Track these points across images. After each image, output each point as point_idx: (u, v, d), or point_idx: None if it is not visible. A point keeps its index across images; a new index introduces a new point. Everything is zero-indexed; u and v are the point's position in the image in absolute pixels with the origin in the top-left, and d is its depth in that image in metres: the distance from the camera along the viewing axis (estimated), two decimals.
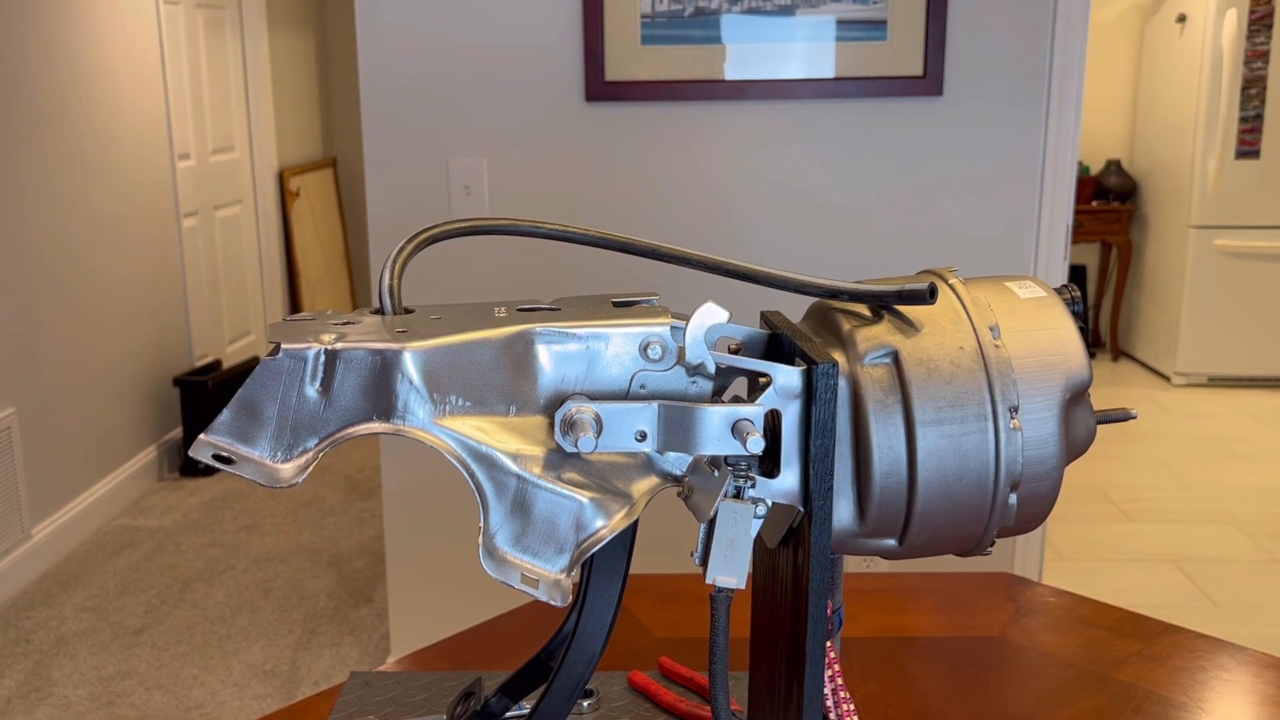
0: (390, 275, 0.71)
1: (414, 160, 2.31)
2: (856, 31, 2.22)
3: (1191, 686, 1.06)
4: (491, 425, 0.67)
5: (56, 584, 3.37)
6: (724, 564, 0.67)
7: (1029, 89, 2.25)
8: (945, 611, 1.22)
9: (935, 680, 1.09)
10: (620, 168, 2.31)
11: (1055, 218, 2.30)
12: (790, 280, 0.72)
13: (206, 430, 0.65)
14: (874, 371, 0.69)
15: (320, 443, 0.66)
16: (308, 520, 3.80)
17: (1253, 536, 3.65)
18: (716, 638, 0.70)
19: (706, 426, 0.66)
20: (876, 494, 0.68)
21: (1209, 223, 5.21)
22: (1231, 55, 5.02)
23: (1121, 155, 5.88)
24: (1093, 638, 1.15)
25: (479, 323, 0.68)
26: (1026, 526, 0.72)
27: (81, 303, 3.71)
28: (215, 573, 3.42)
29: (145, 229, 4.14)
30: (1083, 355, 0.71)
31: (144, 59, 4.12)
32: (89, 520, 3.72)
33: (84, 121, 3.73)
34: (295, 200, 5.38)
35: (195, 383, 4.24)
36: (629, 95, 2.25)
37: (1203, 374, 5.34)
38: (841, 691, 0.76)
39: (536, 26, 2.25)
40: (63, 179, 3.61)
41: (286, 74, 5.43)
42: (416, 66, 2.27)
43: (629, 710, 1.00)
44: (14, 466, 3.32)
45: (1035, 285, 0.74)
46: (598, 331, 0.68)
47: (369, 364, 0.65)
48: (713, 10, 2.22)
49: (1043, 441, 0.69)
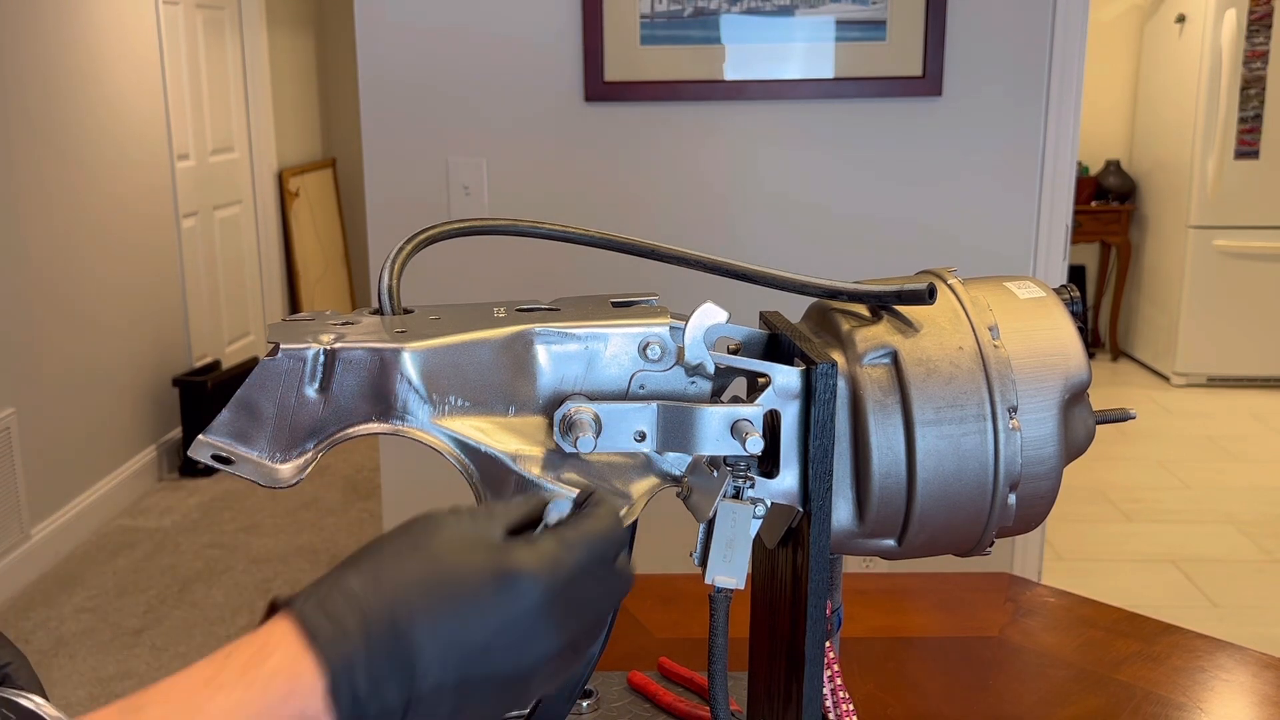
0: (389, 275, 0.71)
1: (413, 160, 2.31)
2: (856, 32, 2.22)
3: (1191, 687, 1.06)
4: (491, 425, 0.67)
5: (56, 584, 3.37)
6: (723, 564, 0.67)
7: (1028, 89, 2.25)
8: (945, 611, 1.22)
9: (934, 680, 1.09)
10: (619, 168, 2.31)
11: (1054, 218, 2.30)
12: (789, 280, 0.72)
13: (205, 430, 0.65)
14: (873, 372, 0.69)
15: (319, 443, 0.66)
16: (307, 521, 3.80)
17: (1252, 537, 3.65)
18: (716, 638, 0.70)
19: (706, 427, 0.66)
20: (876, 494, 0.68)
21: (1208, 223, 5.21)
22: (1231, 55, 5.02)
23: (1121, 155, 5.88)
24: (1092, 638, 1.15)
25: (478, 323, 0.68)
26: (1026, 526, 0.72)
27: (81, 303, 3.71)
28: (214, 573, 3.42)
29: (144, 229, 4.14)
30: (1082, 355, 0.71)
31: (143, 59, 4.12)
32: (88, 521, 3.71)
33: (83, 122, 3.73)
34: (295, 200, 5.38)
35: (195, 383, 4.24)
36: (628, 95, 2.25)
37: (1202, 374, 5.34)
38: (841, 691, 0.76)
39: (536, 26, 2.25)
40: (62, 179, 3.61)
41: (286, 74, 5.43)
42: (416, 66, 2.27)
43: (628, 710, 1.00)
44: (13, 467, 3.32)
45: (1034, 285, 0.74)
46: (597, 332, 0.68)
47: (368, 364, 0.65)
48: (712, 10, 2.22)
49: (1042, 442, 0.69)
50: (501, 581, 0.50)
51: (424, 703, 0.47)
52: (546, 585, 0.51)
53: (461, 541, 0.51)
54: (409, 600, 0.48)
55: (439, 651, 0.48)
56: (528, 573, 0.50)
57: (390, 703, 0.46)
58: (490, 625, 0.49)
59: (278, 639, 0.46)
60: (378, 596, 0.48)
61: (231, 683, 0.44)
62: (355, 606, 0.47)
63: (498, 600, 0.49)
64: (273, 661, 0.45)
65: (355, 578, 0.49)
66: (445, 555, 0.50)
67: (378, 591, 0.48)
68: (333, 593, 0.48)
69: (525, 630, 0.50)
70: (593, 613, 0.53)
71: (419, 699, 0.47)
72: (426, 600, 0.48)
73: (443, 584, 0.49)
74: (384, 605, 0.48)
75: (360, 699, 0.46)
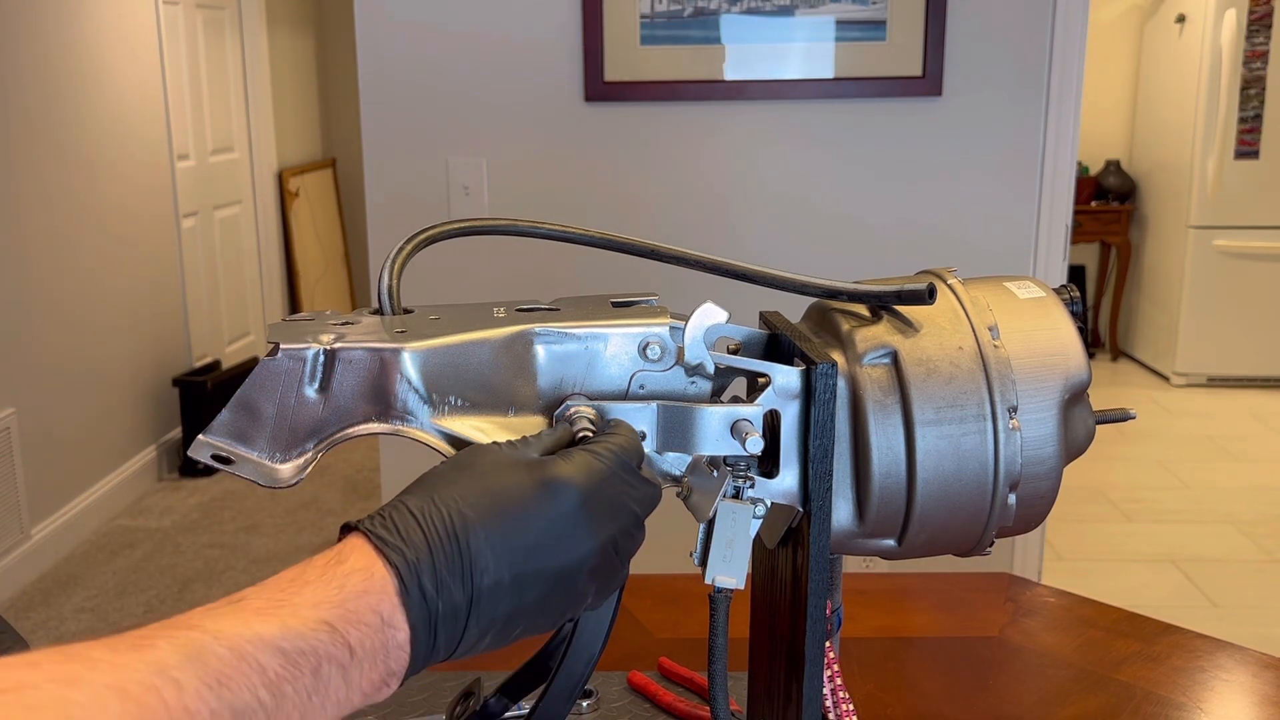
0: (389, 275, 0.71)
1: (413, 160, 2.31)
2: (856, 32, 2.22)
3: (1190, 687, 1.06)
4: (490, 425, 0.67)
5: (55, 584, 3.37)
6: (723, 564, 0.67)
7: (1028, 89, 2.25)
8: (945, 611, 1.22)
9: (934, 680, 1.09)
10: (619, 168, 2.31)
11: (1054, 218, 2.30)
12: (789, 280, 0.72)
13: (205, 430, 0.65)
14: (873, 372, 0.69)
15: (319, 443, 0.66)
16: (307, 521, 3.80)
17: (1252, 537, 3.65)
18: (716, 638, 0.70)
19: (705, 427, 0.66)
20: (875, 494, 0.68)
21: (1208, 223, 5.21)
22: (1231, 55, 5.02)
23: (1121, 156, 5.88)
24: (1092, 638, 1.15)
25: (478, 323, 0.68)
26: (1025, 526, 0.72)
27: (81, 303, 3.71)
28: (214, 573, 3.42)
29: (144, 229, 4.14)
30: (1082, 355, 0.71)
31: (143, 59, 4.12)
32: (88, 521, 3.71)
33: (83, 122, 3.73)
34: (294, 200, 5.38)
35: (194, 383, 4.24)
36: (628, 95, 2.25)
37: (1202, 374, 5.34)
38: (841, 691, 0.76)
39: (536, 26, 2.25)
40: (62, 179, 3.61)
41: (286, 74, 5.42)
42: (416, 66, 2.27)
43: (628, 710, 1.00)
44: (13, 467, 3.32)
45: (1034, 285, 0.74)
46: (597, 332, 0.68)
47: (368, 364, 0.65)
48: (712, 10, 2.22)
49: (1041, 442, 0.69)
50: (543, 488, 0.57)
51: (485, 598, 0.54)
52: (582, 488, 0.57)
53: (504, 460, 0.58)
54: (463, 512, 0.55)
55: (493, 553, 0.54)
56: (565, 478, 0.57)
57: (456, 600, 0.53)
58: (536, 527, 0.56)
59: (350, 549, 0.53)
60: (436, 511, 0.54)
61: (315, 579, 0.51)
62: (416, 522, 0.54)
63: (540, 505, 0.56)
64: (348, 564, 0.52)
65: (414, 499, 0.55)
66: (491, 472, 0.57)
67: (436, 505, 0.55)
68: (395, 512, 0.55)
69: (567, 529, 0.56)
70: (626, 515, 0.59)
71: (480, 595, 0.53)
72: (478, 510, 0.55)
73: (491, 494, 0.56)
74: (442, 518, 0.54)
75: (429, 598, 0.52)
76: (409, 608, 0.51)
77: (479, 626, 0.54)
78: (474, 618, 0.53)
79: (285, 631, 0.47)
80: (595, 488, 0.58)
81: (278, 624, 0.47)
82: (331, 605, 0.49)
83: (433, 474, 0.58)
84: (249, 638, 0.46)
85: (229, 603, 0.49)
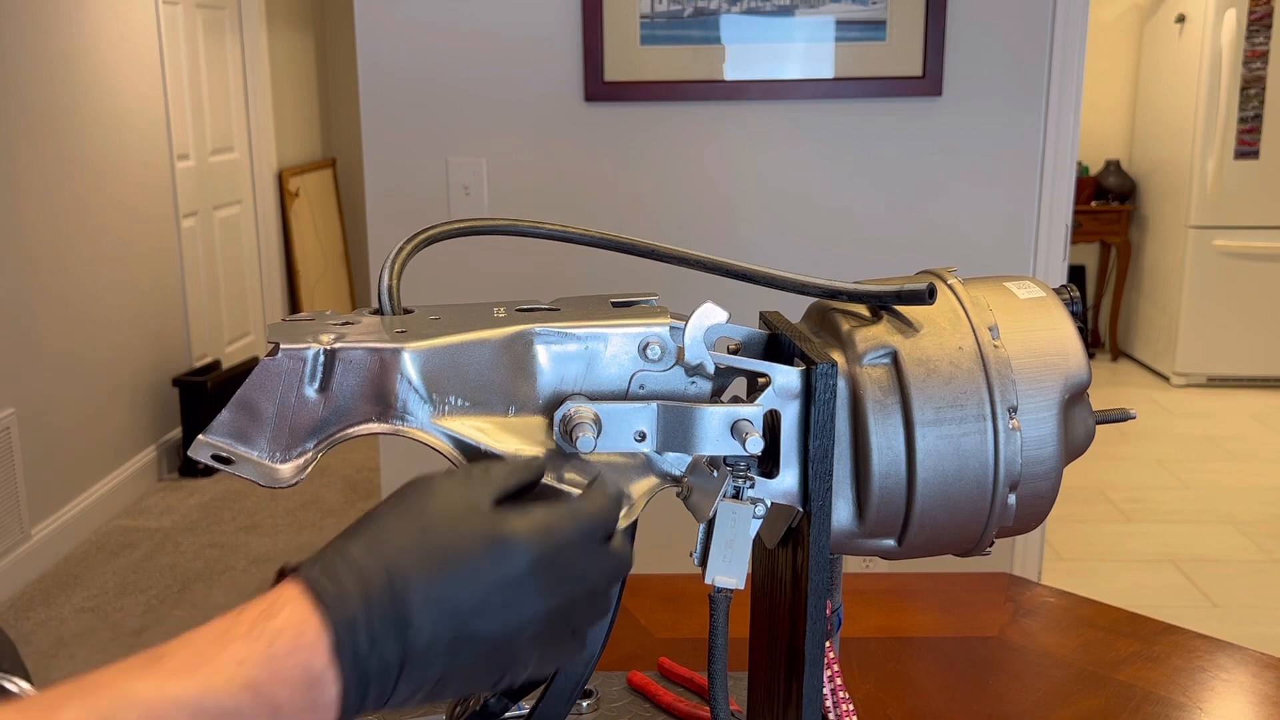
0: (389, 275, 0.71)
1: (413, 160, 2.31)
2: (856, 32, 2.22)
3: (1190, 687, 1.06)
4: (490, 425, 0.67)
5: (56, 584, 3.37)
6: (723, 564, 0.67)
7: (1028, 89, 2.25)
8: (944, 611, 1.22)
9: (934, 680, 1.09)
10: (619, 168, 2.31)
11: (1054, 218, 2.30)
12: (789, 280, 0.72)
13: (205, 430, 0.65)
14: (873, 372, 0.69)
15: (319, 443, 0.66)
16: (307, 521, 3.80)
17: (1252, 536, 3.65)
18: (716, 638, 0.70)
19: (705, 427, 0.66)
20: (875, 494, 0.68)
21: (1208, 223, 5.21)
22: (1231, 55, 5.02)
23: (1121, 156, 5.88)
24: (1092, 638, 1.15)
25: (478, 323, 0.68)
26: (1025, 527, 0.72)
27: (81, 303, 3.71)
28: (214, 573, 3.42)
29: (144, 229, 4.14)
30: (1082, 356, 0.71)
31: (143, 59, 4.12)
32: (88, 521, 3.71)
33: (83, 121, 3.73)
34: (294, 200, 5.38)
35: (194, 383, 4.23)
36: (628, 95, 2.25)
37: (1202, 374, 5.34)
38: (841, 691, 0.76)
39: (536, 26, 2.25)
40: (62, 179, 3.61)
41: (286, 74, 5.42)
42: (416, 66, 2.27)
43: (628, 710, 1.00)
44: (13, 467, 3.32)
45: (1034, 286, 0.74)
46: (597, 332, 0.68)
47: (368, 364, 0.65)
48: (712, 10, 2.22)
49: (1041, 442, 0.69)
50: (493, 546, 0.53)
51: (417, 659, 0.51)
52: (534, 551, 0.53)
53: (454, 508, 0.54)
54: (404, 564, 0.51)
55: (430, 614, 0.51)
56: (516, 538, 0.53)
57: (389, 659, 0.50)
58: (480, 588, 0.52)
59: (285, 599, 0.50)
60: (376, 561, 0.51)
61: (242, 636, 0.48)
62: (356, 571, 0.51)
63: (487, 565, 0.52)
64: (280, 618, 0.49)
65: (355, 543, 0.52)
66: (439, 521, 0.53)
67: (376, 556, 0.51)
68: (335, 558, 0.52)
69: (513, 594, 0.53)
70: (583, 586, 0.55)
71: (412, 656, 0.50)
72: (421, 564, 0.51)
73: (436, 549, 0.52)
74: (381, 569, 0.51)
75: (361, 656, 0.49)
76: (341, 666, 0.49)
77: (409, 685, 0.51)
78: (405, 677, 0.51)
79: (205, 692, 0.45)
80: (549, 553, 0.54)
81: (198, 683, 0.46)
82: (257, 663, 0.47)
83: (380, 514, 0.55)
84: (163, 700, 0.44)
85: (150, 660, 0.47)
